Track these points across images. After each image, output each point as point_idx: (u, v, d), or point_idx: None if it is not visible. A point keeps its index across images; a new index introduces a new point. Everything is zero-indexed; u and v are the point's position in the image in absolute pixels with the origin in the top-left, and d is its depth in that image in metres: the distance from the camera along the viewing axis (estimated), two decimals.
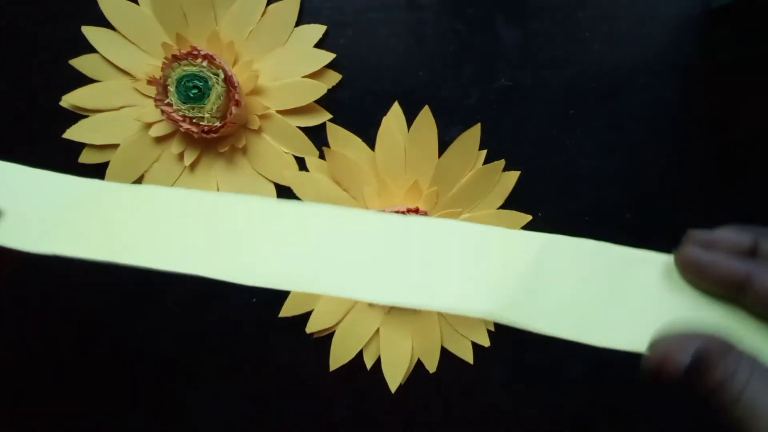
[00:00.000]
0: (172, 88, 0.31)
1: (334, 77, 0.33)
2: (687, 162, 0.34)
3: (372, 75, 0.34)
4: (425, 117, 0.32)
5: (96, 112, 0.33)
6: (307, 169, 0.33)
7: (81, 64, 0.33)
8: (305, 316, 0.34)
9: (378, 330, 0.34)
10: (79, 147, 0.33)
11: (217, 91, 0.31)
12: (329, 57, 0.32)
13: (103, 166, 0.33)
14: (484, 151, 0.33)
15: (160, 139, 0.33)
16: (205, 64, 0.31)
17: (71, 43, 0.32)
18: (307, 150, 0.33)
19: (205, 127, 0.31)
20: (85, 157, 0.33)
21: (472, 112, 0.34)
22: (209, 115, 0.31)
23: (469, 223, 0.20)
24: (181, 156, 0.33)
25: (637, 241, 0.35)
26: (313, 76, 0.33)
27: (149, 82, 0.31)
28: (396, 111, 0.33)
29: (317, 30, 0.33)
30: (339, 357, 0.34)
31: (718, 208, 0.34)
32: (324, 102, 0.33)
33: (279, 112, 0.33)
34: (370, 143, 0.33)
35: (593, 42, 0.33)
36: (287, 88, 0.33)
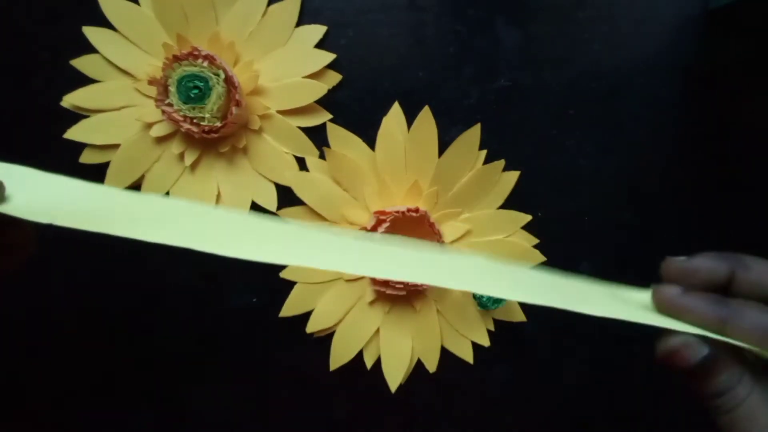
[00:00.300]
0: (172, 89, 0.31)
1: (335, 77, 0.33)
2: (687, 162, 0.34)
3: (372, 75, 0.34)
4: (425, 117, 0.32)
5: (97, 112, 0.33)
6: (307, 169, 0.33)
7: (82, 64, 0.33)
8: (305, 316, 0.34)
9: (378, 330, 0.34)
10: (80, 147, 0.33)
11: (218, 92, 0.31)
12: (330, 57, 0.32)
13: (104, 166, 0.33)
14: (484, 151, 0.33)
15: (160, 140, 0.33)
16: (205, 64, 0.31)
17: (72, 44, 0.32)
18: (308, 150, 0.33)
19: (206, 128, 0.31)
20: (86, 158, 0.33)
21: (472, 112, 0.34)
22: (210, 116, 0.31)
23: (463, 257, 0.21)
24: (181, 156, 0.33)
25: (637, 241, 0.35)
26: (314, 76, 0.33)
27: (150, 83, 0.31)
28: (396, 111, 0.33)
29: (318, 30, 0.33)
30: (339, 357, 0.34)
31: (718, 208, 0.34)
32: (324, 102, 0.33)
33: (279, 112, 0.33)
34: (370, 143, 0.33)
35: (593, 42, 0.33)
36: (288, 89, 0.33)
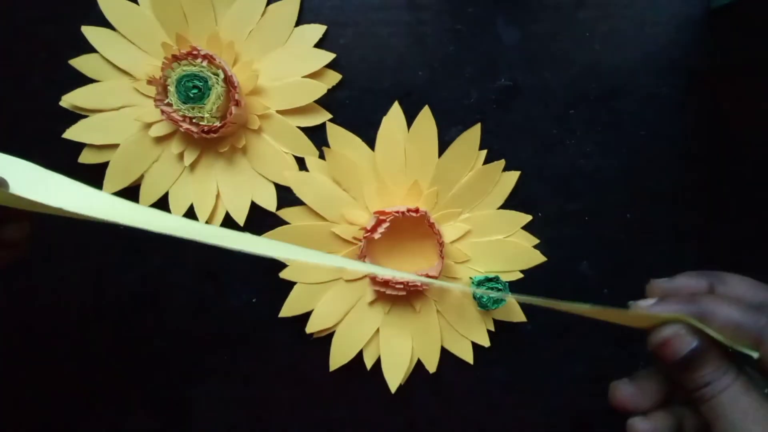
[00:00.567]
0: (172, 88, 0.31)
1: (334, 77, 0.33)
2: (687, 162, 0.34)
3: (372, 75, 0.34)
4: (425, 117, 0.32)
5: (96, 112, 0.33)
6: (307, 169, 0.33)
7: (81, 64, 0.33)
8: (305, 316, 0.34)
9: (378, 330, 0.34)
10: (79, 147, 0.33)
11: (217, 91, 0.31)
12: (329, 57, 0.32)
13: (103, 166, 0.33)
14: (484, 151, 0.33)
15: (159, 139, 0.33)
16: (205, 64, 0.30)
17: (71, 43, 0.32)
18: (307, 150, 0.33)
19: (205, 127, 0.31)
20: (85, 157, 0.33)
21: (472, 112, 0.34)
22: (209, 115, 0.31)
23: None
24: (181, 156, 0.33)
25: (637, 241, 0.35)
26: (313, 76, 0.33)
27: (149, 82, 0.31)
28: (396, 111, 0.33)
29: (317, 30, 0.33)
30: (339, 357, 0.34)
31: (718, 208, 0.34)
32: (324, 102, 0.33)
33: (279, 112, 0.33)
34: (370, 143, 0.33)
35: (593, 42, 0.33)
36: (287, 88, 0.33)
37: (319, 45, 0.33)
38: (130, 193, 0.33)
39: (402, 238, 0.33)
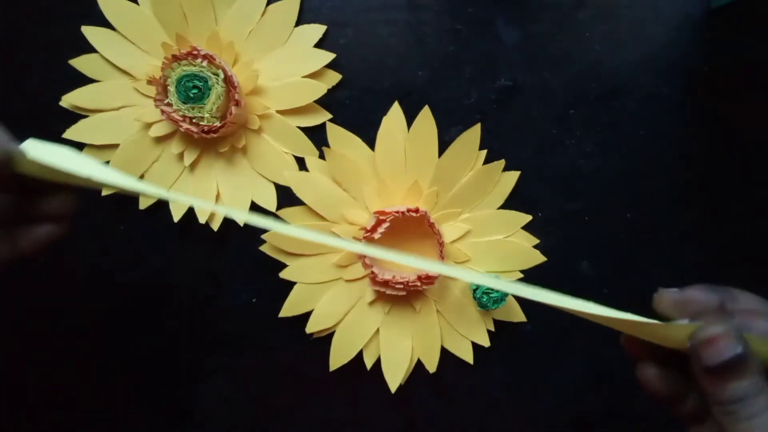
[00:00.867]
0: (172, 88, 0.31)
1: (334, 77, 0.33)
2: (687, 162, 0.34)
3: (372, 75, 0.34)
4: (425, 117, 0.32)
5: (96, 112, 0.33)
6: (307, 169, 0.33)
7: (81, 64, 0.33)
8: (305, 316, 0.34)
9: (378, 330, 0.34)
10: (79, 147, 0.33)
11: (217, 91, 0.31)
12: (329, 57, 0.32)
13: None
14: (484, 151, 0.33)
15: (160, 139, 0.33)
16: (205, 64, 0.30)
17: (71, 43, 0.32)
18: (307, 150, 0.33)
19: (205, 127, 0.31)
20: None
21: (472, 112, 0.34)
22: (209, 115, 0.31)
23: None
24: (181, 156, 0.33)
25: (637, 241, 0.35)
26: (313, 76, 0.33)
27: (149, 82, 0.31)
28: (396, 111, 0.33)
29: (317, 30, 0.33)
30: (339, 357, 0.34)
31: (719, 208, 0.34)
32: (324, 102, 0.33)
33: (279, 112, 0.33)
34: (370, 143, 0.33)
35: (593, 42, 0.33)
36: (287, 88, 0.33)
37: (319, 45, 0.33)
38: (130, 193, 0.33)
39: (402, 238, 0.33)
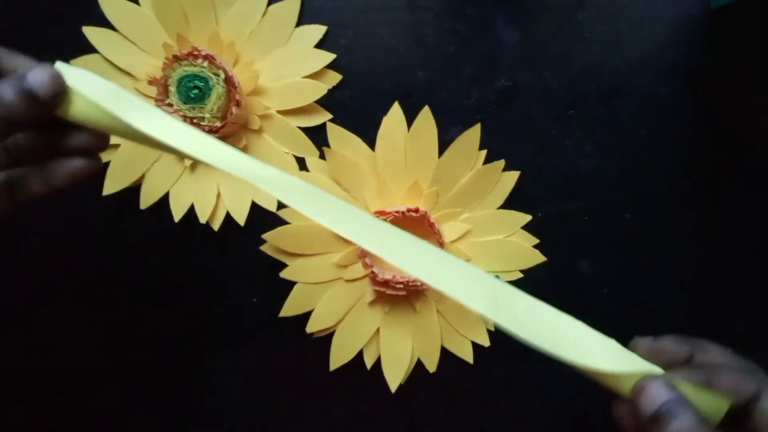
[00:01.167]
0: (172, 89, 0.31)
1: (335, 77, 0.33)
2: (687, 162, 0.34)
3: (372, 75, 0.34)
4: (425, 117, 0.32)
5: None
6: (307, 169, 0.33)
7: (81, 64, 0.33)
8: (305, 316, 0.34)
9: (378, 330, 0.34)
10: None
11: (218, 92, 0.31)
12: (330, 57, 0.32)
13: (103, 167, 0.33)
14: (484, 151, 0.33)
15: None
16: (205, 64, 0.31)
17: (72, 44, 0.32)
18: (308, 150, 0.33)
19: (206, 128, 0.31)
20: None
21: (472, 112, 0.34)
22: (210, 116, 0.31)
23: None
24: (181, 156, 0.33)
25: (637, 241, 0.35)
26: (314, 76, 0.33)
27: (150, 83, 0.31)
28: (396, 111, 0.33)
29: (318, 30, 0.33)
30: (339, 357, 0.34)
31: (718, 208, 0.34)
32: (324, 102, 0.33)
33: (279, 112, 0.33)
34: (370, 143, 0.33)
35: (593, 42, 0.33)
36: (288, 89, 0.33)
37: (319, 45, 0.33)
38: (131, 193, 0.33)
39: None
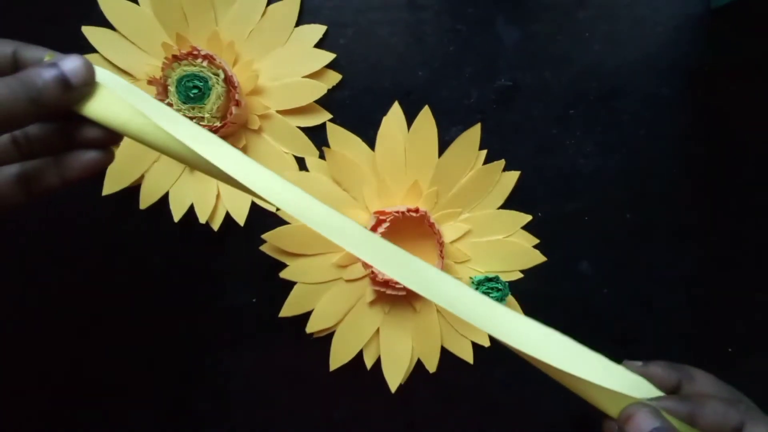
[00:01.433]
0: (172, 88, 0.31)
1: (334, 77, 0.33)
2: (687, 162, 0.34)
3: (372, 75, 0.34)
4: (425, 117, 0.32)
5: None
6: (307, 169, 0.33)
7: None
8: (305, 316, 0.34)
9: (378, 330, 0.34)
10: None
11: (217, 91, 0.31)
12: (329, 57, 0.32)
13: None
14: (484, 151, 0.33)
15: None
16: (205, 64, 0.31)
17: (71, 43, 0.32)
18: (307, 150, 0.33)
19: (205, 128, 0.31)
20: None
21: (472, 112, 0.34)
22: (209, 115, 0.31)
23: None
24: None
25: (637, 241, 0.35)
26: (313, 76, 0.33)
27: (149, 82, 0.31)
28: (396, 111, 0.33)
29: (317, 30, 0.33)
30: (339, 357, 0.34)
31: (718, 208, 0.34)
32: (324, 102, 0.33)
33: (279, 112, 0.33)
34: (370, 143, 0.33)
35: (593, 42, 0.33)
36: (287, 88, 0.33)
37: (319, 45, 0.33)
38: (131, 193, 0.33)
39: (402, 238, 0.33)
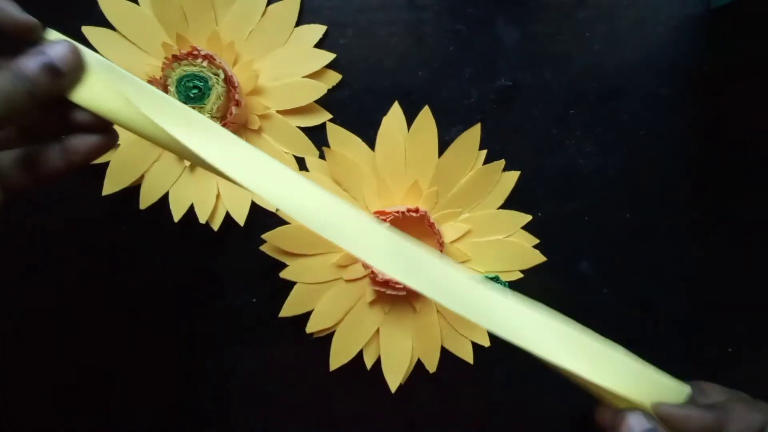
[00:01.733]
0: (172, 88, 0.31)
1: (334, 77, 0.33)
2: (687, 162, 0.34)
3: (372, 75, 0.34)
4: (425, 117, 0.32)
5: None
6: (307, 169, 0.33)
7: None
8: (305, 316, 0.34)
9: (378, 330, 0.34)
10: None
11: (217, 91, 0.31)
12: (329, 57, 0.32)
13: (104, 166, 0.33)
14: (484, 151, 0.33)
15: None
16: (205, 64, 0.31)
17: None
18: (307, 150, 0.33)
19: None
20: None
21: (472, 112, 0.34)
22: (209, 115, 0.31)
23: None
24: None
25: (637, 241, 0.35)
26: (313, 76, 0.33)
27: (149, 82, 0.31)
28: (396, 111, 0.33)
29: (317, 30, 0.33)
30: (339, 357, 0.34)
31: (719, 208, 0.34)
32: (324, 102, 0.33)
33: (279, 112, 0.33)
34: (370, 143, 0.33)
35: (593, 42, 0.33)
36: (287, 88, 0.33)
37: (319, 45, 0.33)
38: (131, 192, 0.33)
39: None
